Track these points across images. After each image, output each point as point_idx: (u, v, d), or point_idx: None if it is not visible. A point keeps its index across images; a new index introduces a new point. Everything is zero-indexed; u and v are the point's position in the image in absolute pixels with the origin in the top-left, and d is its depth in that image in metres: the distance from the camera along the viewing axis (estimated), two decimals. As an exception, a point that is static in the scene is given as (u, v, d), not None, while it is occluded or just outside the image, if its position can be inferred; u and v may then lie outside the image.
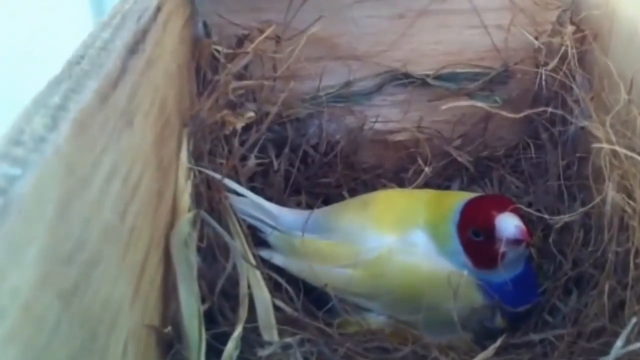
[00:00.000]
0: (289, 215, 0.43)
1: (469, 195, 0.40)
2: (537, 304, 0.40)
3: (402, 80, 0.50)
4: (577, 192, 0.44)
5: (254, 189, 0.44)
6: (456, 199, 0.40)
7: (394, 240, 0.39)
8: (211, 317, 0.34)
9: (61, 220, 0.19)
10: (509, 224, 0.37)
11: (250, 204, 0.42)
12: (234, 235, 0.38)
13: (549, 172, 0.47)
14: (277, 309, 0.36)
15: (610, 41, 0.43)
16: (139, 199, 0.28)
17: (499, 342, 0.35)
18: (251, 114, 0.43)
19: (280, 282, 0.38)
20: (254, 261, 0.37)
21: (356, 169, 0.51)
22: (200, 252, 0.34)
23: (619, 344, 0.30)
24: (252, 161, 0.44)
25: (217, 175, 0.38)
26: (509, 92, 0.50)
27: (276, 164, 0.47)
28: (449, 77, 0.50)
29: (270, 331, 0.34)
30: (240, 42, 0.46)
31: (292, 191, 0.48)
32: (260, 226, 0.42)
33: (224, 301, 0.34)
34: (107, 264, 0.23)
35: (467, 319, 0.38)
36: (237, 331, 0.32)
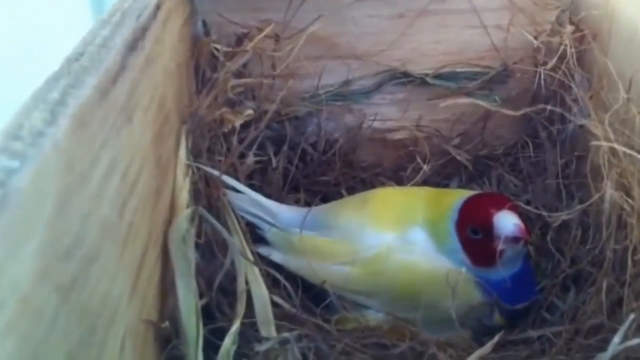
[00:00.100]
0: (287, 212, 0.43)
1: (467, 193, 0.40)
2: (535, 302, 0.41)
3: (402, 79, 0.50)
4: (576, 191, 0.44)
5: (252, 187, 0.43)
6: (455, 197, 0.40)
7: (393, 238, 0.40)
8: (209, 313, 0.34)
9: (60, 215, 0.19)
10: (508, 222, 0.37)
11: (248, 200, 0.42)
12: (232, 231, 0.38)
13: (548, 170, 0.47)
14: (275, 305, 0.36)
15: (609, 41, 0.43)
16: (138, 195, 0.28)
17: (496, 338, 0.35)
18: (250, 112, 0.44)
19: (278, 278, 0.38)
20: (252, 257, 0.37)
21: (355, 168, 0.51)
22: (198, 248, 0.35)
23: (617, 340, 0.30)
24: (250, 159, 0.45)
25: (215, 172, 0.39)
26: (508, 91, 0.50)
27: (275, 162, 0.47)
28: (448, 77, 0.50)
29: (268, 327, 0.34)
30: (239, 40, 0.46)
31: (290, 189, 0.48)
32: (258, 223, 0.42)
33: (221, 297, 0.34)
34: (106, 260, 0.24)
35: (466, 317, 0.38)
36: (235, 326, 0.32)
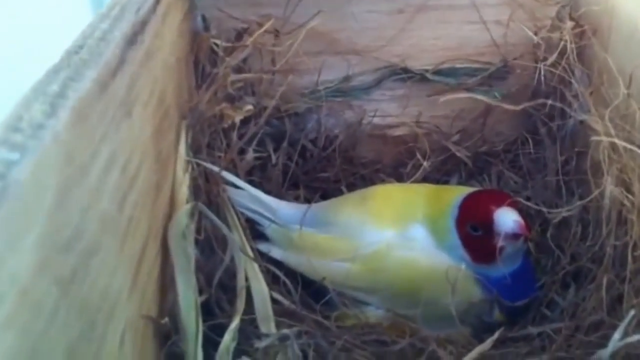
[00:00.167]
0: (287, 208, 0.43)
1: (467, 190, 0.40)
2: (535, 298, 0.40)
3: (401, 75, 0.50)
4: (576, 187, 0.44)
5: (252, 183, 0.43)
6: (455, 193, 0.40)
7: (393, 234, 0.39)
8: (208, 309, 0.34)
9: (60, 207, 0.19)
10: (508, 219, 0.37)
11: (248, 196, 0.42)
12: (232, 228, 0.38)
13: (548, 167, 0.47)
14: (274, 302, 0.36)
15: (609, 37, 0.43)
16: (138, 190, 0.28)
17: (496, 335, 0.35)
18: (250, 107, 0.43)
19: (278, 275, 0.38)
20: (251, 254, 0.37)
21: (355, 164, 0.51)
22: (198, 244, 0.34)
23: (617, 336, 0.30)
24: (250, 155, 0.44)
25: (215, 168, 0.38)
26: (508, 87, 0.50)
27: (274, 158, 0.47)
28: (448, 73, 0.50)
29: (267, 323, 0.34)
30: (239, 35, 0.46)
31: (290, 185, 0.48)
32: (258, 219, 0.42)
33: (221, 293, 0.34)
34: (105, 254, 0.23)
35: (466, 314, 0.38)
36: (235, 323, 0.32)
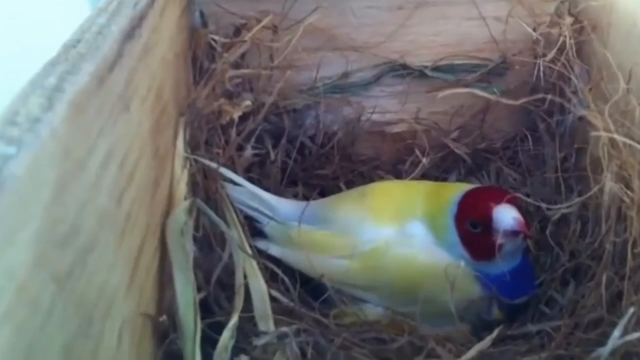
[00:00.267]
0: (286, 205, 0.42)
1: (466, 186, 0.40)
2: (535, 296, 0.40)
3: (400, 71, 0.50)
4: (575, 184, 0.44)
5: (250, 180, 0.43)
6: (454, 190, 0.40)
7: (392, 232, 0.39)
8: (207, 307, 0.33)
9: (57, 202, 0.19)
10: (507, 216, 0.37)
11: (247, 193, 0.41)
12: (230, 224, 0.37)
13: (547, 164, 0.47)
14: (273, 300, 0.35)
15: (609, 32, 0.43)
16: (135, 186, 0.28)
17: (495, 332, 0.35)
18: (248, 103, 0.43)
19: (276, 272, 0.38)
20: (250, 251, 0.37)
21: (353, 161, 0.51)
22: (196, 241, 0.34)
23: (616, 334, 0.30)
24: (248, 151, 0.44)
25: (213, 164, 0.38)
26: (507, 83, 0.50)
27: (273, 155, 0.47)
28: (447, 69, 0.50)
29: (266, 321, 0.34)
30: (237, 31, 0.45)
31: (288, 182, 0.48)
32: (257, 216, 0.42)
33: (219, 291, 0.34)
34: (103, 250, 0.23)
35: (465, 311, 0.38)
36: (233, 321, 0.32)
